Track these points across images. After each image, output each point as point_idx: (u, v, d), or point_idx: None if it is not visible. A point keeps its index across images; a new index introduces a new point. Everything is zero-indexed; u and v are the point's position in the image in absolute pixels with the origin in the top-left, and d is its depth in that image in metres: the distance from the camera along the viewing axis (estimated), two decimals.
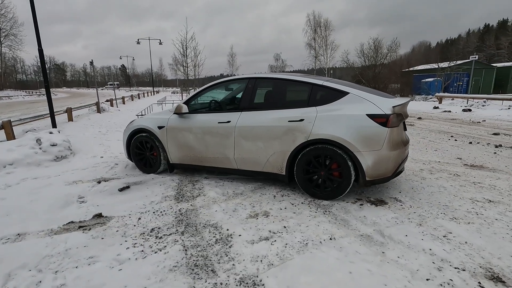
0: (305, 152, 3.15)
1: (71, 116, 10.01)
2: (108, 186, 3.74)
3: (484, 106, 12.48)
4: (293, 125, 3.17)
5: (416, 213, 2.82)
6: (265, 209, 3.00)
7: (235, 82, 3.89)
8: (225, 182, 3.82)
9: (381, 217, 2.77)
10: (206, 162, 3.83)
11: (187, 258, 2.17)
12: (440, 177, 3.82)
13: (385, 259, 2.12)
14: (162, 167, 4.17)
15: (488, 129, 7.44)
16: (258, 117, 3.39)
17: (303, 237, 2.43)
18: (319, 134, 3.03)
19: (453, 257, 2.12)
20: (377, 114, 2.89)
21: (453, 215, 2.77)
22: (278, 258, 2.16)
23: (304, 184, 3.25)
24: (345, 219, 2.74)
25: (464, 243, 2.30)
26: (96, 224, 2.75)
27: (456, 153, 5.12)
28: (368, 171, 2.93)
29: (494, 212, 2.82)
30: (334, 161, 3.05)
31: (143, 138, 4.17)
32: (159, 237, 2.48)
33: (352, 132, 2.92)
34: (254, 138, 3.40)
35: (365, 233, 2.48)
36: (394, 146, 2.93)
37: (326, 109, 3.10)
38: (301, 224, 2.66)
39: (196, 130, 3.75)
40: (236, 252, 2.24)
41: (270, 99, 3.60)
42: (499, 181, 3.66)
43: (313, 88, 3.25)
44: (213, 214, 2.92)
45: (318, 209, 2.97)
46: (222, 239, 2.43)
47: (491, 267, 2.01)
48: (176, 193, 3.49)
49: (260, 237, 2.46)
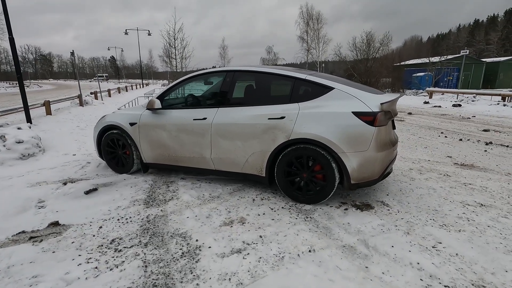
0: (286, 153, 2.90)
1: (49, 109, 9.51)
2: (74, 188, 3.42)
3: (474, 101, 12.44)
4: (273, 123, 2.90)
5: (404, 219, 2.61)
6: (241, 215, 2.75)
7: (212, 75, 3.59)
8: (203, 184, 3.55)
9: (366, 224, 2.55)
10: (181, 162, 3.54)
11: (145, 277, 1.91)
12: (430, 178, 3.63)
13: (368, 275, 1.90)
14: (135, 167, 3.86)
15: (478, 125, 7.33)
16: (236, 113, 3.11)
17: (279, 249, 2.19)
18: (301, 133, 2.78)
19: (443, 272, 1.92)
20: (364, 111, 2.65)
21: (443, 221, 2.57)
22: (249, 275, 1.91)
23: (285, 187, 3.00)
24: (327, 227, 2.51)
25: (455, 255, 2.10)
26: (50, 234, 2.45)
27: (446, 150, 4.95)
28: (353, 174, 2.70)
29: (486, 217, 2.63)
30: (317, 162, 2.80)
31: (114, 135, 3.84)
32: (118, 250, 2.20)
33: (337, 132, 2.67)
34: (232, 136, 3.12)
35: (348, 244, 2.26)
36: (382, 147, 2.70)
37: (309, 106, 2.84)
38: (279, 233, 2.42)
39: (170, 128, 3.45)
40: (203, 268, 1.99)
41: (249, 94, 3.32)
42: (490, 182, 3.49)
43: (295, 83, 2.98)
44: (184, 221, 2.65)
45: (299, 215, 2.73)
46: (190, 252, 2.18)
47: (484, 284, 1.81)
48: (147, 196, 3.20)
49: (232, 249, 2.21)
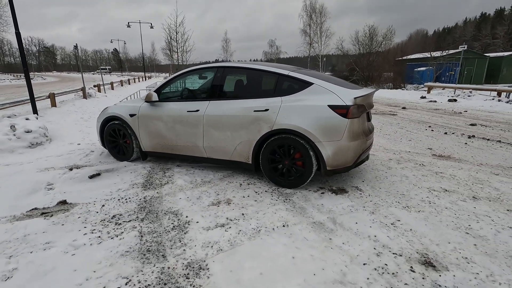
0: (270, 142, 3.21)
1: (54, 101, 9.87)
2: (79, 173, 3.77)
3: (470, 97, 12.60)
4: (258, 115, 3.21)
5: (372, 202, 2.93)
6: (228, 197, 3.08)
7: (204, 70, 3.88)
8: (196, 170, 3.88)
9: (338, 205, 2.86)
10: (176, 150, 3.87)
11: (141, 244, 2.25)
12: (406, 167, 3.93)
13: (330, 245, 2.22)
14: (135, 155, 4.20)
15: (467, 120, 7.57)
16: (226, 106, 3.42)
17: (257, 224, 2.52)
18: (283, 124, 3.08)
19: (395, 243, 2.23)
20: (338, 105, 2.94)
21: (406, 203, 2.88)
22: (229, 244, 2.25)
23: (269, 173, 3.32)
24: (302, 207, 2.83)
25: (409, 230, 2.42)
26: (59, 210, 2.80)
27: (428, 143, 5.23)
28: (328, 161, 3.01)
29: (446, 201, 2.94)
30: (297, 151, 3.11)
31: (115, 125, 4.17)
32: (118, 224, 2.55)
33: (314, 123, 2.97)
34: (222, 127, 3.43)
35: (318, 221, 2.58)
36: (354, 137, 3.00)
37: (291, 100, 3.14)
38: (259, 211, 2.75)
39: (167, 119, 3.76)
40: (190, 238, 2.32)
41: (238, 88, 3.62)
42: (460, 171, 3.78)
43: (279, 78, 3.27)
44: (176, 201, 2.99)
45: (279, 197, 3.06)
46: (180, 226, 2.51)
47: (427, 252, 2.13)
48: (145, 180, 3.54)
49: (216, 224, 2.54)
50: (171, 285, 1.83)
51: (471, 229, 2.42)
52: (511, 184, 3.34)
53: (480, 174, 3.68)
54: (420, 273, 1.92)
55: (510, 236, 2.32)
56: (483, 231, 2.39)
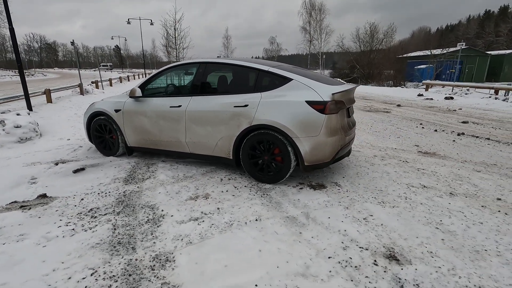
0: (250, 137, 3.23)
1: (49, 97, 9.91)
2: (64, 168, 3.81)
3: (467, 95, 12.54)
4: (238, 110, 3.22)
5: (349, 197, 2.94)
6: (207, 191, 3.11)
7: (187, 66, 3.89)
8: (180, 166, 3.91)
9: (314, 200, 2.89)
10: (160, 145, 3.89)
11: (113, 237, 2.28)
12: (389, 164, 3.94)
13: (299, 239, 2.24)
14: (121, 150, 4.23)
15: (460, 117, 7.55)
16: (207, 102, 3.44)
17: (231, 218, 2.55)
18: (261, 120, 3.10)
19: (363, 237, 2.26)
20: (316, 101, 2.95)
21: (383, 199, 2.90)
22: (199, 237, 2.28)
23: (249, 168, 3.34)
24: (278, 202, 2.86)
25: (380, 225, 2.44)
26: (38, 204, 2.84)
27: (416, 140, 5.23)
28: (306, 157, 3.03)
29: (422, 197, 2.95)
30: (276, 146, 3.13)
31: (101, 121, 4.20)
32: (94, 217, 2.58)
33: (291, 118, 2.99)
34: (203, 122, 3.45)
35: (292, 215, 2.60)
36: (332, 133, 3.01)
37: (270, 95, 3.15)
38: (235, 206, 2.78)
39: (150, 114, 3.79)
40: (162, 231, 2.36)
41: (219, 84, 3.64)
42: (443, 168, 3.79)
43: (259, 74, 3.29)
44: (155, 196, 3.02)
45: (257, 192, 3.08)
46: (154, 219, 2.54)
47: (394, 247, 2.15)
48: (128, 175, 3.57)
49: (190, 217, 2.57)
50: (136, 276, 1.86)
51: (442, 225, 2.44)
52: (490, 181, 3.35)
53: (462, 171, 3.69)
54: (383, 266, 1.94)
55: (479, 231, 2.34)
56: (453, 227, 2.40)
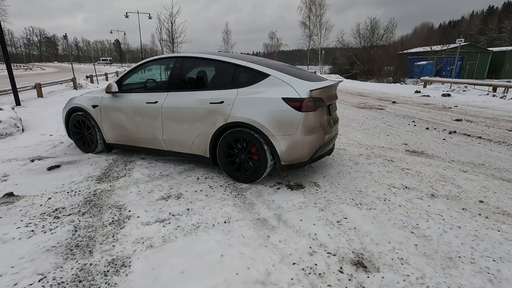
0: (226, 135, 3.11)
1: (40, 92, 9.79)
2: (39, 165, 3.70)
3: (464, 92, 12.36)
4: (214, 107, 3.11)
5: (326, 198, 2.84)
6: (181, 191, 3.00)
7: (164, 60, 3.76)
8: (158, 164, 3.80)
9: (289, 201, 2.78)
10: (138, 143, 3.78)
11: (71, 239, 2.18)
12: (374, 163, 3.83)
13: (265, 243, 2.14)
14: (99, 147, 4.12)
15: (454, 115, 7.41)
16: (183, 98, 3.32)
17: (199, 220, 2.45)
18: (237, 117, 2.98)
19: (333, 242, 2.15)
20: (292, 98, 2.83)
21: (360, 201, 2.79)
22: (162, 240, 2.18)
23: (226, 167, 3.23)
24: (252, 203, 2.75)
25: (353, 228, 2.33)
26: (2, 203, 2.74)
27: (406, 138, 5.11)
28: (282, 156, 2.91)
29: (402, 198, 2.84)
30: (252, 145, 3.02)
31: (79, 117, 4.09)
32: (57, 217, 2.48)
33: (267, 116, 2.87)
34: (179, 119, 3.34)
35: (263, 217, 2.50)
36: (310, 131, 2.89)
37: (246, 92, 3.03)
38: (205, 207, 2.68)
39: (127, 110, 3.67)
40: (124, 234, 2.26)
41: (196, 80, 3.51)
42: (428, 167, 3.67)
43: (236, 69, 3.16)
44: (126, 195, 2.91)
45: (232, 192, 2.98)
46: (119, 221, 2.44)
47: (363, 252, 2.04)
48: (102, 173, 3.47)
49: (157, 219, 2.47)
50: (86, 282, 1.76)
51: (417, 229, 2.33)
52: (475, 182, 3.23)
53: (448, 171, 3.57)
54: (348, 274, 1.84)
55: (455, 236, 2.23)
56: (429, 231, 2.30)
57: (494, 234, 2.27)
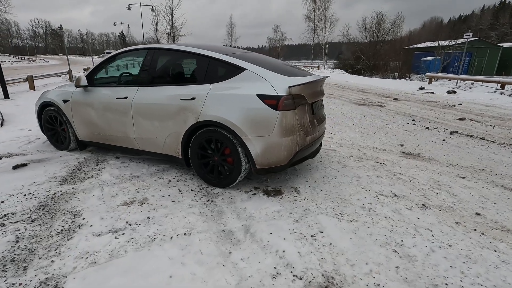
0: (198, 135, 2.84)
1: (32, 84, 9.62)
2: (5, 163, 3.48)
3: (471, 89, 11.87)
4: (185, 104, 2.83)
5: (304, 207, 2.56)
6: (147, 195, 2.75)
7: (136, 52, 3.47)
8: (132, 163, 3.55)
9: (263, 209, 2.51)
10: (111, 141, 3.53)
11: (8, 251, 1.95)
12: (364, 166, 3.53)
13: (224, 261, 1.88)
14: (72, 144, 3.89)
15: (458, 113, 7.02)
16: (154, 93, 3.05)
17: (157, 231, 2.19)
18: (208, 116, 2.70)
19: (302, 262, 1.88)
20: (268, 95, 2.54)
21: (342, 211, 2.51)
22: (108, 255, 1.93)
23: (199, 169, 2.97)
24: (221, 211, 2.49)
25: (328, 245, 2.06)
26: None
27: (403, 139, 4.78)
28: (257, 159, 2.64)
29: (389, 209, 2.55)
30: (226, 146, 2.74)
31: (51, 112, 3.85)
32: (2, 225, 2.25)
33: (241, 115, 2.58)
34: (150, 116, 3.07)
35: (229, 229, 2.24)
36: (288, 132, 2.60)
37: (220, 87, 2.74)
38: (168, 215, 2.42)
39: (98, 106, 3.42)
40: (69, 246, 2.01)
41: (168, 73, 3.24)
42: (423, 172, 3.36)
43: (210, 62, 2.87)
44: (87, 199, 2.67)
45: (202, 198, 2.72)
46: (68, 230, 2.20)
47: (335, 276, 1.77)
48: (69, 173, 3.23)
49: (111, 229, 2.22)
50: None
51: (402, 247, 2.05)
52: (473, 190, 2.92)
53: (444, 176, 3.26)
54: None
55: (444, 257, 1.94)
56: (415, 250, 2.01)
57: (490, 255, 1.98)
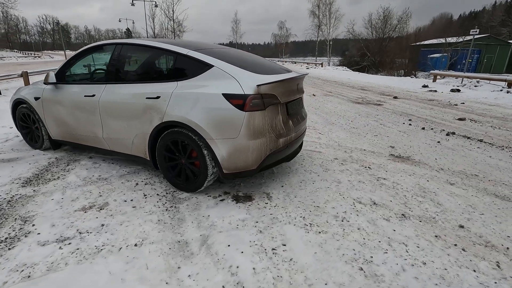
0: (164, 136, 2.67)
1: (27, 80, 9.54)
2: None
3: (476, 87, 11.46)
4: (150, 103, 2.66)
5: (272, 215, 2.37)
6: (109, 200, 2.60)
7: (103, 47, 3.28)
8: (103, 164, 3.40)
9: (227, 218, 2.33)
10: (82, 140, 3.39)
11: None
12: (347, 170, 3.32)
13: (169, 278, 1.71)
14: (46, 143, 3.75)
15: (458, 113, 6.72)
16: (121, 91, 2.88)
17: (107, 241, 2.03)
18: (172, 116, 2.53)
19: (255, 280, 1.70)
20: (234, 94, 2.35)
21: (312, 220, 2.32)
22: (46, 268, 1.78)
23: (167, 172, 2.81)
24: (182, 219, 2.32)
25: (289, 260, 1.87)
26: None
27: (395, 140, 4.54)
28: (223, 163, 2.46)
29: (365, 218, 2.35)
30: (192, 148, 2.57)
31: (24, 110, 3.72)
32: None
33: (205, 116, 2.40)
34: (117, 115, 2.91)
35: (185, 239, 2.07)
36: (256, 134, 2.41)
37: (186, 85, 2.56)
38: (124, 222, 2.26)
39: (67, 104, 3.27)
40: (7, 257, 1.87)
41: (135, 70, 3.07)
42: (409, 177, 3.14)
43: (177, 58, 2.68)
44: (44, 203, 2.53)
45: (166, 203, 2.55)
46: (13, 238, 2.06)
47: None
48: (35, 174, 3.10)
49: (59, 237, 2.07)
50: None
51: (370, 264, 1.85)
52: (461, 199, 2.70)
53: (432, 182, 3.03)
54: None
55: (415, 277, 1.74)
56: (383, 268, 1.81)
57: (468, 275, 1.77)
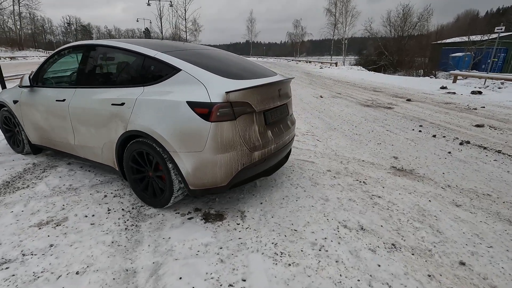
0: (129, 146, 2.45)
1: None
2: None
3: (500, 89, 10.60)
4: (115, 109, 2.44)
5: (240, 240, 2.09)
6: (69, 214, 2.40)
7: (75, 49, 3.08)
8: (79, 172, 3.23)
9: (189, 241, 2.07)
10: (57, 146, 3.23)
11: None
12: (338, 185, 2.98)
13: None
14: (27, 148, 3.64)
15: (477, 118, 6.15)
16: (89, 96, 2.69)
17: (48, 266, 1.83)
18: (136, 125, 2.30)
19: None
20: (199, 102, 2.08)
21: (285, 248, 2.01)
22: None
23: (134, 185, 2.58)
24: (140, 241, 2.08)
25: None
26: None
27: (400, 149, 4.12)
28: (189, 178, 2.20)
29: (347, 248, 2.02)
30: (157, 161, 2.33)
31: (5, 113, 3.62)
32: None
33: (168, 125, 2.15)
34: (86, 122, 2.72)
35: (134, 268, 1.82)
36: (225, 148, 2.13)
37: (150, 91, 2.32)
38: (76, 243, 2.05)
39: (41, 108, 3.13)
40: None
41: (103, 73, 2.88)
42: (409, 196, 2.76)
43: (145, 61, 2.44)
44: (2, 216, 2.37)
45: (128, 221, 2.32)
46: None
47: None
48: (5, 182, 2.96)
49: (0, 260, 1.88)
50: None
51: None
52: (466, 225, 2.30)
53: (434, 203, 2.65)
54: None
55: None
56: None
57: None
